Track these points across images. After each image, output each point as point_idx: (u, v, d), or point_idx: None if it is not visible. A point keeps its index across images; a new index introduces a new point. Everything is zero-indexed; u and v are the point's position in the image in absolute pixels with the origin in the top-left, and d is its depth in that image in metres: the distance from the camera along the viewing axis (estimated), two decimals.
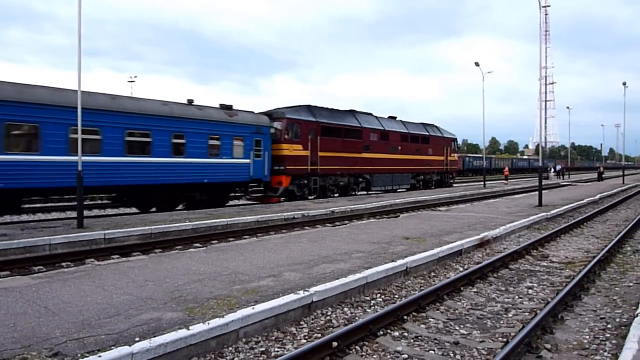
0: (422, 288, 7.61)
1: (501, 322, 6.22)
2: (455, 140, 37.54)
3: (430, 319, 6.24)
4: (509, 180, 45.48)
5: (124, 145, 16.49)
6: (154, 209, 18.61)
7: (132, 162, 16.71)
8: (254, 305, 5.75)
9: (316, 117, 24.22)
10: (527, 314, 6.47)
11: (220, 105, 20.84)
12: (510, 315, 6.49)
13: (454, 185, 38.50)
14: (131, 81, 63.03)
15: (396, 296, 7.22)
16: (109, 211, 19.96)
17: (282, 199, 22.71)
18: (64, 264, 9.61)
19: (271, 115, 22.76)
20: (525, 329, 5.32)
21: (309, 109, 24.62)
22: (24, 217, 17.07)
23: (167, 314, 5.43)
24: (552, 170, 60.86)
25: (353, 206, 19.40)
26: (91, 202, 21.75)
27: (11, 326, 5.02)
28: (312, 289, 6.45)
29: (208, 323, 5.07)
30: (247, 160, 20.94)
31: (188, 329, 4.88)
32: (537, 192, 21.36)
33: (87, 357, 4.27)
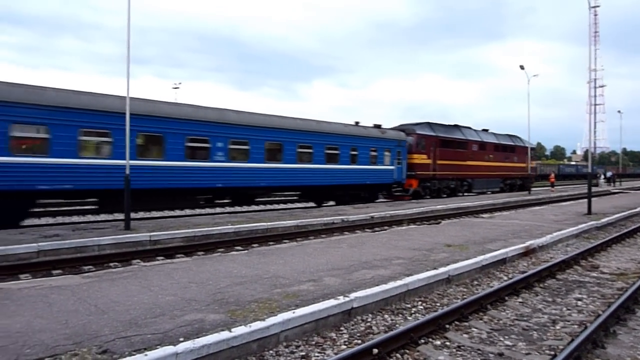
0: (464, 297, 7.44)
1: (548, 334, 6.01)
2: (533, 149, 42.55)
3: (473, 329, 6.09)
4: (555, 187, 43.92)
5: (325, 157, 22.79)
6: (332, 203, 25.00)
7: (328, 169, 23.06)
8: (294, 309, 5.79)
9: (435, 132, 29.80)
10: (576, 326, 6.22)
11: (374, 125, 27.38)
12: (557, 327, 6.26)
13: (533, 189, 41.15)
14: (175, 87, 64.92)
15: (438, 304, 7.10)
16: (154, 214, 20.55)
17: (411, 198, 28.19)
18: (112, 264, 9.97)
19: (404, 131, 28.40)
20: (574, 343, 5.12)
21: (429, 125, 30.15)
22: (75, 219, 17.78)
23: (209, 316, 5.53)
24: (602, 177, 58.35)
25: (393, 212, 19.23)
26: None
27: (64, 323, 5.24)
28: (352, 295, 6.43)
29: (250, 326, 5.14)
30: (392, 167, 26.90)
31: (230, 331, 4.96)
32: (585, 200, 20.54)
33: (134, 355, 4.40)
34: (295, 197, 26.35)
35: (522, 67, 35.41)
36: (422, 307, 6.95)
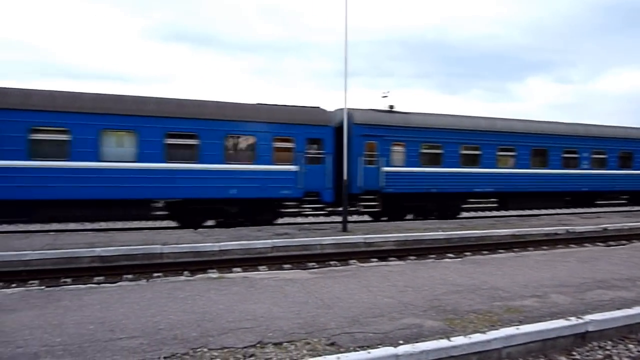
0: None
1: None
2: None
3: None
4: None
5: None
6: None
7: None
8: (517, 325, 5.40)
9: None
10: None
11: None
12: None
13: None
14: (384, 96, 67.06)
15: None
16: (366, 217, 21.56)
17: None
18: (331, 262, 10.79)
19: None
20: None
21: None
22: (299, 220, 19.74)
23: (427, 322, 5.53)
24: None
25: (632, 224, 16.47)
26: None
27: (296, 313, 5.86)
28: (587, 317, 5.70)
29: (469, 337, 4.97)
30: None
31: (449, 340, 4.88)
32: None
33: (357, 351, 4.66)
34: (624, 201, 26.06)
35: None
36: None
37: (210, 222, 15.98)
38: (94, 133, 13.72)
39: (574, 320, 5.58)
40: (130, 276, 9.25)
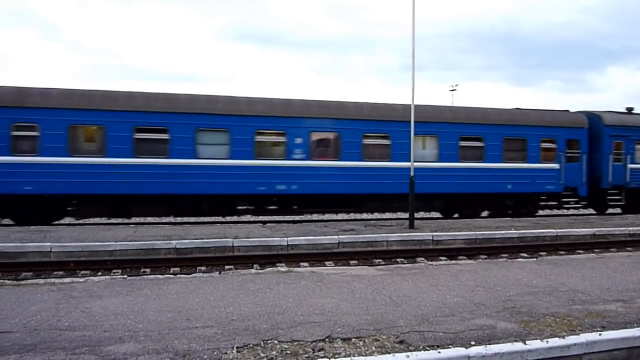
0: None
1: None
2: None
3: None
4: None
5: None
6: None
7: None
8: (600, 331, 5.10)
9: None
10: None
11: None
12: None
13: None
14: (452, 90, 65.09)
15: None
16: (433, 214, 21.11)
17: None
18: (398, 259, 10.67)
19: None
20: None
21: None
22: (365, 216, 19.71)
23: (500, 323, 5.34)
24: None
25: None
26: None
27: (364, 309, 5.86)
28: None
29: (547, 341, 4.75)
30: None
31: (525, 344, 4.69)
32: None
33: (427, 350, 4.59)
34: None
35: None
36: None
37: (484, 213, 18.34)
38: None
39: None
40: (203, 268, 9.65)
